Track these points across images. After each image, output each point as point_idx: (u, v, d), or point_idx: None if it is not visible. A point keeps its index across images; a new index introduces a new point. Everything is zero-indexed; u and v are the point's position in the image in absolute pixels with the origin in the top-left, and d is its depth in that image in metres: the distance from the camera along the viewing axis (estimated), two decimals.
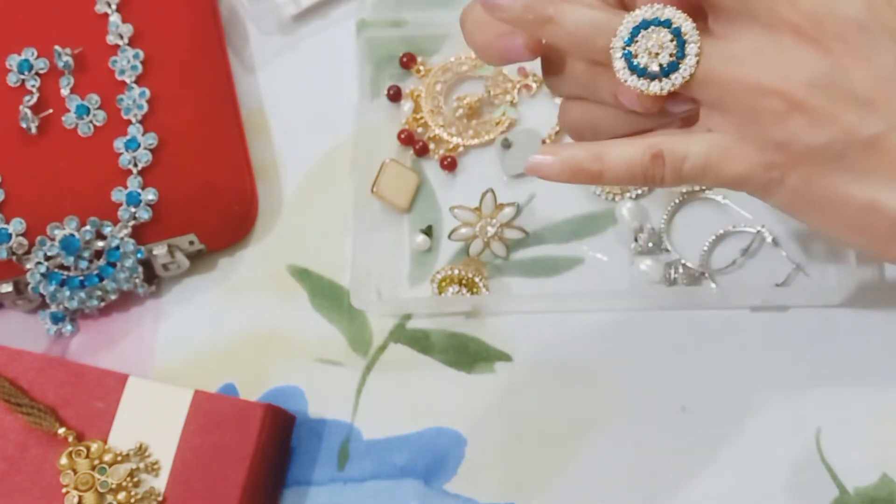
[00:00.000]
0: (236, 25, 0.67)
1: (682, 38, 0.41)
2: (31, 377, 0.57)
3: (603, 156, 0.43)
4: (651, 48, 0.41)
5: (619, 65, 0.42)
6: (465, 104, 0.64)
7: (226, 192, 0.61)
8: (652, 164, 0.43)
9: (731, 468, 0.57)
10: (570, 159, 0.43)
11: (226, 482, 0.55)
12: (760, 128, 0.41)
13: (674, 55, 0.41)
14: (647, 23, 0.41)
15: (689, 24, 0.41)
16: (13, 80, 0.61)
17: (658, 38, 0.41)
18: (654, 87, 0.41)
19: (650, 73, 0.41)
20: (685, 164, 0.42)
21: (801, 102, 0.40)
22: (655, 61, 0.41)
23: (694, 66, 0.41)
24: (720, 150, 0.42)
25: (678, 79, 0.41)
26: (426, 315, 0.61)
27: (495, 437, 0.58)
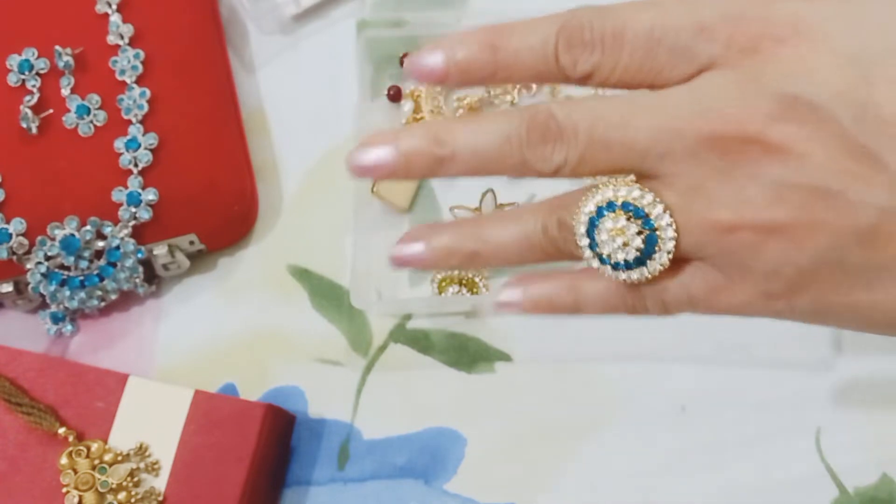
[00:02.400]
0: (236, 25, 0.67)
1: (638, 208, 0.36)
2: (31, 377, 0.57)
3: (578, 287, 0.39)
4: (616, 239, 0.36)
5: (607, 272, 0.37)
6: (465, 104, 0.64)
7: (226, 192, 0.61)
8: (632, 296, 0.38)
9: (731, 468, 0.57)
10: (538, 295, 0.40)
11: (226, 482, 0.55)
12: (741, 263, 0.35)
13: (643, 231, 0.36)
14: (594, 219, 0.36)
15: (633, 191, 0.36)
16: (13, 80, 0.61)
17: (614, 226, 0.36)
18: (652, 269, 0.37)
19: (635, 262, 0.36)
20: (667, 295, 0.38)
21: (769, 225, 0.34)
22: (631, 249, 0.36)
23: (671, 222, 0.35)
24: (707, 282, 0.37)
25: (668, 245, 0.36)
26: (426, 315, 0.61)
27: (495, 437, 0.58)
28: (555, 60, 0.37)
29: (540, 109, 0.37)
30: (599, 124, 0.36)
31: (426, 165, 0.38)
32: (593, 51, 0.36)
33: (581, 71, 0.37)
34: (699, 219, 0.35)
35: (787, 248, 0.34)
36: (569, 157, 0.36)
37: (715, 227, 0.35)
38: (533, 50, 0.37)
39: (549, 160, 0.37)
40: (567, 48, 0.37)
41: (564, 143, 0.36)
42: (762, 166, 0.34)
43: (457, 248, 0.40)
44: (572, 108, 0.37)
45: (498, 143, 0.37)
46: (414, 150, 0.38)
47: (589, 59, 0.36)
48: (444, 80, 0.39)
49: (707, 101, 0.35)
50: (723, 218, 0.35)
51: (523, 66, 0.37)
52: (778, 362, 0.58)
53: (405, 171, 0.39)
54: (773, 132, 0.34)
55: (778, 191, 0.34)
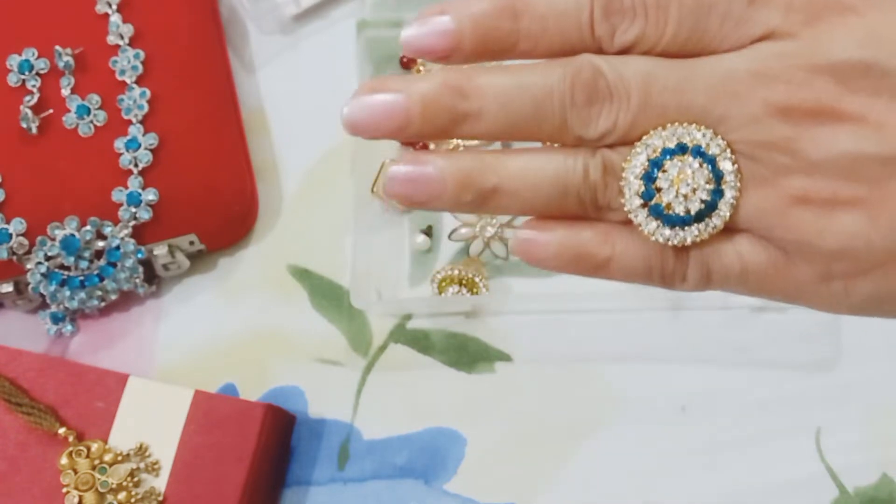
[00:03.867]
0: (236, 25, 0.67)
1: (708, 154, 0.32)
2: (31, 377, 0.57)
3: (613, 239, 0.34)
4: (683, 187, 0.32)
5: (651, 226, 0.33)
6: None
7: (226, 192, 0.61)
8: (675, 260, 0.33)
9: (731, 468, 0.57)
10: (571, 240, 0.34)
11: (226, 482, 0.55)
12: (806, 239, 0.32)
13: (711, 180, 0.32)
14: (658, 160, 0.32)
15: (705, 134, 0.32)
16: (14, 80, 0.61)
17: (683, 169, 0.32)
18: (709, 228, 0.32)
19: (695, 216, 0.32)
20: (715, 263, 0.33)
21: (840, 197, 0.31)
22: (695, 199, 0.32)
23: (738, 174, 0.32)
24: (767, 256, 0.33)
25: (730, 200, 0.32)
26: (426, 315, 0.61)
27: (495, 437, 0.58)
28: (590, 30, 0.32)
29: (584, 64, 0.32)
30: (655, 85, 0.32)
31: (445, 121, 0.32)
32: (635, 18, 0.32)
33: (621, 42, 0.32)
34: (762, 186, 0.32)
35: (860, 223, 0.31)
36: (619, 122, 0.32)
37: (782, 196, 0.32)
38: (564, 16, 0.32)
39: (595, 124, 0.32)
40: (605, 16, 0.32)
41: (615, 105, 0.32)
42: (835, 135, 0.31)
43: (474, 178, 0.33)
44: (623, 66, 0.32)
45: (536, 100, 0.32)
46: (430, 101, 0.32)
47: (630, 29, 0.32)
48: (452, 53, 0.33)
49: (769, 70, 0.31)
50: (792, 187, 0.31)
51: (551, 36, 0.32)
52: (778, 362, 0.58)
53: (418, 127, 0.33)
54: (846, 102, 0.31)
55: (853, 161, 0.31)
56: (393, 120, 0.33)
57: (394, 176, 0.34)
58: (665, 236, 0.32)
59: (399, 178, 0.34)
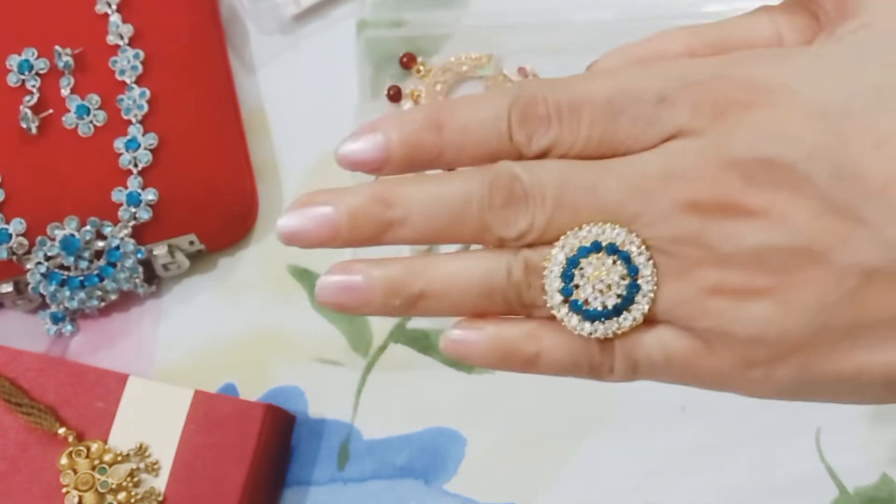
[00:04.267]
0: (236, 25, 0.67)
1: (623, 251, 0.33)
2: (31, 377, 0.57)
3: (539, 335, 0.34)
4: (598, 284, 0.33)
5: (573, 321, 0.34)
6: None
7: (226, 192, 0.61)
8: (601, 353, 0.34)
9: (732, 468, 0.57)
10: (499, 338, 0.35)
11: (226, 482, 0.55)
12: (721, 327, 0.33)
13: (626, 276, 0.33)
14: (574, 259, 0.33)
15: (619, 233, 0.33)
16: (13, 80, 0.61)
17: (598, 267, 0.33)
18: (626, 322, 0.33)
19: (613, 310, 0.33)
20: (639, 354, 0.34)
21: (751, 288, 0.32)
22: (612, 294, 0.33)
23: (654, 270, 0.33)
24: (686, 345, 0.34)
25: (647, 295, 0.33)
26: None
27: (495, 437, 0.58)
28: (508, 138, 0.34)
29: (502, 170, 0.34)
30: (568, 186, 0.33)
31: (372, 230, 0.35)
32: (550, 125, 0.34)
33: (538, 147, 0.34)
34: (676, 284, 0.33)
35: (771, 311, 0.32)
36: (536, 222, 0.33)
37: (697, 287, 0.32)
38: (483, 126, 0.34)
39: (513, 225, 0.33)
40: (521, 123, 0.34)
41: (531, 207, 0.33)
42: (741, 229, 0.32)
43: (401, 285, 0.35)
44: (539, 169, 0.33)
45: (457, 206, 0.34)
46: (358, 212, 0.35)
47: (546, 134, 0.34)
48: (383, 165, 0.35)
49: (678, 168, 0.32)
50: (706, 278, 0.32)
51: (473, 146, 0.34)
52: None
53: (346, 236, 0.35)
54: (750, 196, 0.32)
55: (759, 253, 0.32)
56: (322, 231, 0.35)
57: (324, 285, 0.36)
58: (587, 330, 0.34)
59: (330, 287, 0.36)
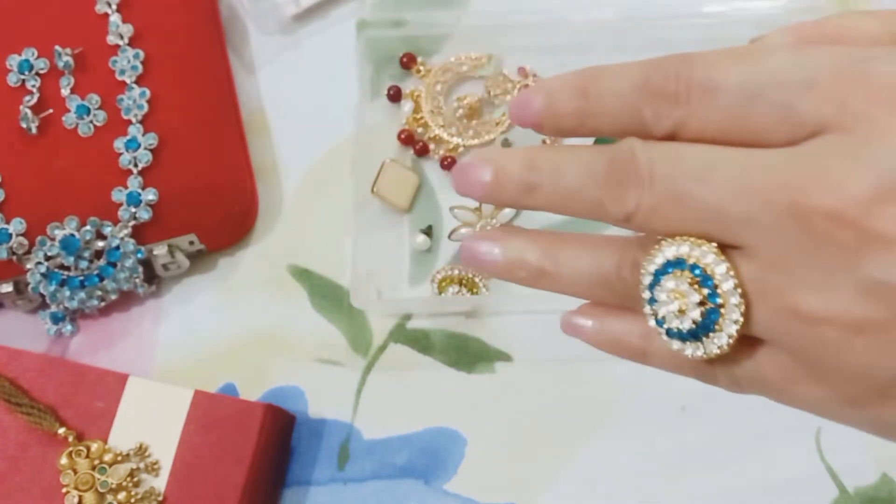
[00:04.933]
0: (236, 25, 0.67)
1: (706, 274, 0.31)
2: (31, 377, 0.57)
3: (652, 335, 0.34)
4: (673, 307, 0.32)
5: (662, 336, 0.33)
6: (466, 104, 0.64)
7: (226, 192, 0.61)
8: (703, 366, 0.33)
9: (731, 468, 0.57)
10: (612, 333, 0.36)
11: (226, 482, 0.55)
12: (824, 360, 0.30)
13: (706, 302, 0.31)
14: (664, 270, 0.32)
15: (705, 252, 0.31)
16: (13, 80, 0.61)
17: (673, 287, 0.31)
18: (711, 348, 0.32)
19: (689, 334, 0.32)
20: (738, 373, 0.33)
21: (861, 324, 0.29)
22: (687, 318, 0.31)
23: (740, 301, 0.30)
24: (785, 369, 0.32)
25: (726, 333, 0.31)
26: (426, 315, 0.61)
27: (495, 437, 0.58)
28: (638, 113, 0.33)
29: (624, 147, 0.33)
30: (679, 172, 0.31)
31: (515, 191, 0.35)
32: (678, 104, 0.32)
33: (664, 127, 0.32)
34: (778, 301, 0.30)
35: (881, 351, 0.29)
36: (641, 205, 0.32)
37: (797, 314, 0.30)
38: (618, 98, 0.33)
39: (621, 204, 0.32)
40: (651, 99, 0.32)
41: (639, 188, 0.32)
42: (858, 255, 0.28)
43: (528, 260, 0.36)
44: (654, 150, 0.32)
45: (580, 178, 0.34)
46: (507, 172, 0.35)
47: (673, 114, 0.32)
48: (539, 127, 0.35)
49: (806, 170, 0.29)
50: (807, 307, 0.30)
51: (609, 116, 0.34)
52: None
53: (494, 192, 0.36)
54: (875, 219, 0.28)
55: (874, 286, 0.28)
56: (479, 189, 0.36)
57: (467, 248, 0.38)
58: (675, 346, 0.32)
59: (470, 252, 0.38)
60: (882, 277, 0.28)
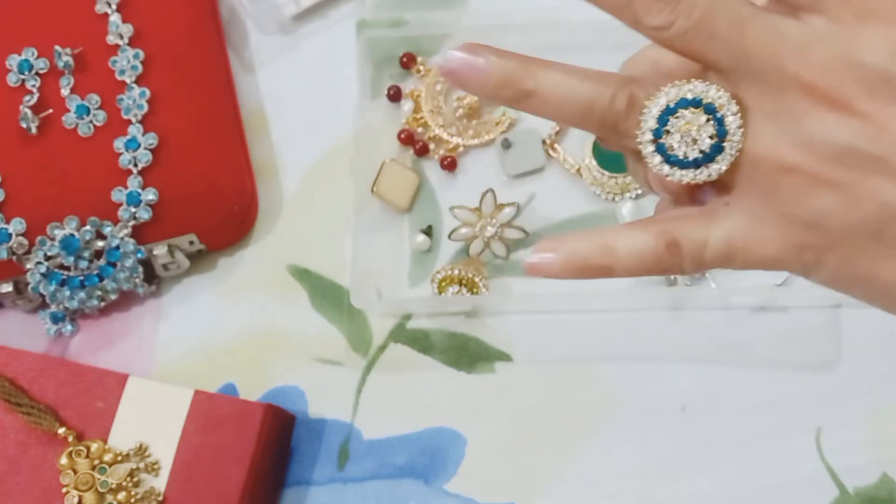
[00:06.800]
0: (236, 25, 0.67)
1: (719, 114, 0.35)
2: (31, 377, 0.57)
3: (611, 248, 0.37)
4: (685, 135, 0.36)
5: (655, 160, 0.36)
6: (465, 104, 0.64)
7: (226, 191, 0.61)
8: (668, 255, 0.37)
9: (731, 468, 0.57)
10: (572, 256, 0.38)
11: (226, 482, 0.55)
12: (785, 206, 0.35)
13: (715, 136, 0.35)
14: (672, 108, 0.36)
15: (722, 96, 0.36)
16: (13, 80, 0.61)
17: (691, 120, 0.36)
18: (700, 176, 0.36)
19: (692, 162, 0.36)
20: (706, 251, 0.36)
21: (826, 178, 0.35)
22: (695, 148, 0.36)
23: (741, 140, 0.35)
24: (744, 231, 0.36)
25: (726, 159, 0.36)
26: (426, 315, 0.61)
27: (495, 437, 0.58)
28: None
29: None
30: (718, 11, 0.35)
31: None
32: None
33: None
34: (763, 149, 0.35)
35: (836, 204, 0.35)
36: (675, 25, 0.35)
37: (774, 161, 0.35)
38: None
39: (654, 14, 0.35)
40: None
41: (677, 10, 0.35)
42: (840, 125, 0.34)
43: (515, 77, 0.37)
44: None
45: None
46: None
47: None
48: None
49: (812, 48, 0.35)
50: (786, 155, 0.35)
51: None
52: (778, 362, 0.58)
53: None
54: (860, 99, 0.34)
55: (847, 151, 0.34)
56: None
57: (450, 57, 0.37)
58: (664, 171, 0.36)
59: (455, 59, 0.37)
60: (852, 143, 0.34)
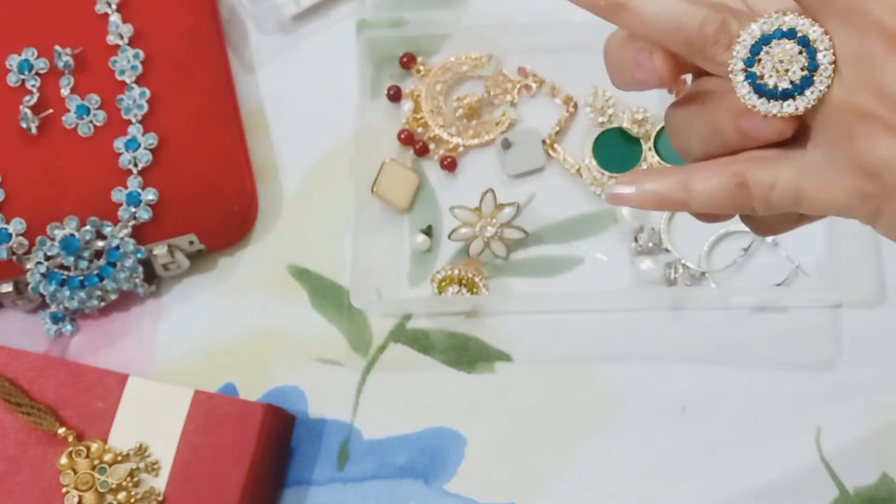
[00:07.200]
0: (236, 25, 0.67)
1: (812, 46, 0.36)
2: (31, 377, 0.57)
3: (688, 185, 0.39)
4: (778, 64, 0.36)
5: (743, 90, 0.37)
6: (465, 104, 0.64)
7: (226, 191, 0.61)
8: (738, 194, 0.38)
9: (731, 468, 0.57)
10: (651, 193, 0.39)
11: (226, 482, 0.55)
12: (855, 153, 0.36)
13: (805, 68, 0.36)
14: (767, 37, 0.37)
15: (816, 31, 0.36)
16: (13, 80, 0.61)
17: (785, 51, 0.36)
18: (787, 108, 0.37)
19: (781, 93, 0.37)
20: (773, 193, 0.38)
21: None
22: (786, 78, 0.36)
23: (831, 75, 0.36)
24: (812, 175, 0.37)
25: (815, 93, 0.36)
26: (426, 315, 0.61)
27: (495, 437, 0.58)
28: None
29: None
30: None
31: None
32: None
33: None
34: (842, 92, 0.36)
35: None
36: None
37: (852, 105, 0.36)
38: None
39: None
40: None
41: None
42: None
43: None
44: None
45: None
46: None
47: None
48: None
49: None
50: (863, 101, 0.36)
51: None
52: (778, 362, 0.58)
53: None
54: None
55: None
56: None
57: None
58: (752, 102, 0.37)
59: None
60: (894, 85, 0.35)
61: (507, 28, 0.64)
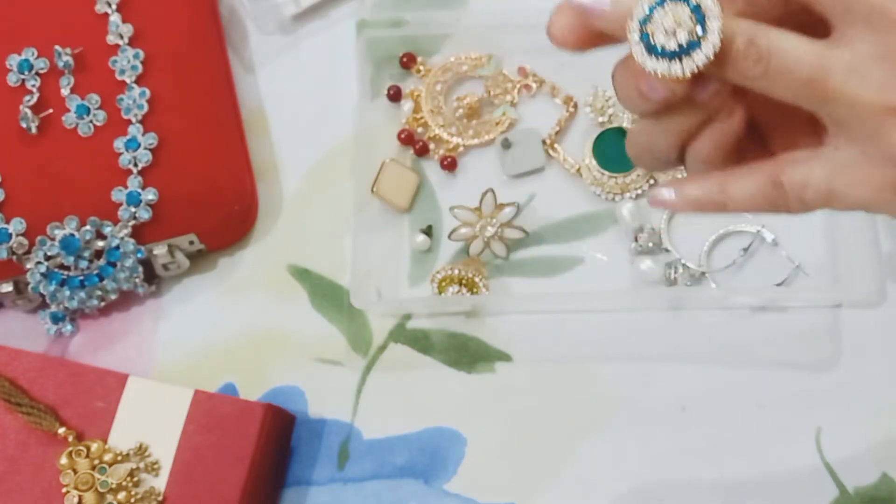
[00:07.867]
0: (236, 25, 0.67)
1: (702, 13, 0.37)
2: (31, 377, 0.57)
3: (725, 188, 0.40)
4: (668, 26, 0.38)
5: (636, 49, 0.38)
6: (465, 104, 0.64)
7: (226, 191, 0.61)
8: (774, 194, 0.40)
9: (731, 468, 0.57)
10: (692, 197, 0.41)
11: (226, 482, 0.55)
12: (886, 149, 0.38)
13: (694, 33, 0.37)
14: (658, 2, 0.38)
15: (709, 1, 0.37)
16: (13, 79, 0.61)
17: (675, 14, 0.38)
18: (674, 69, 0.38)
19: (668, 53, 0.38)
20: (807, 192, 0.39)
21: None
22: (673, 39, 0.38)
23: (718, 42, 0.37)
24: (843, 173, 0.39)
25: (701, 57, 0.37)
26: (426, 315, 0.61)
27: (495, 437, 0.58)
28: None
29: None
30: None
31: None
32: None
33: None
34: (872, 89, 0.37)
35: None
36: None
37: (882, 102, 0.37)
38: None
39: None
40: None
41: None
42: None
43: None
44: None
45: None
46: None
47: None
48: None
49: None
50: (888, 98, 0.36)
51: None
52: (778, 362, 0.58)
53: None
54: None
55: None
56: None
57: None
58: (642, 59, 0.38)
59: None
60: None
61: (507, 28, 0.64)
